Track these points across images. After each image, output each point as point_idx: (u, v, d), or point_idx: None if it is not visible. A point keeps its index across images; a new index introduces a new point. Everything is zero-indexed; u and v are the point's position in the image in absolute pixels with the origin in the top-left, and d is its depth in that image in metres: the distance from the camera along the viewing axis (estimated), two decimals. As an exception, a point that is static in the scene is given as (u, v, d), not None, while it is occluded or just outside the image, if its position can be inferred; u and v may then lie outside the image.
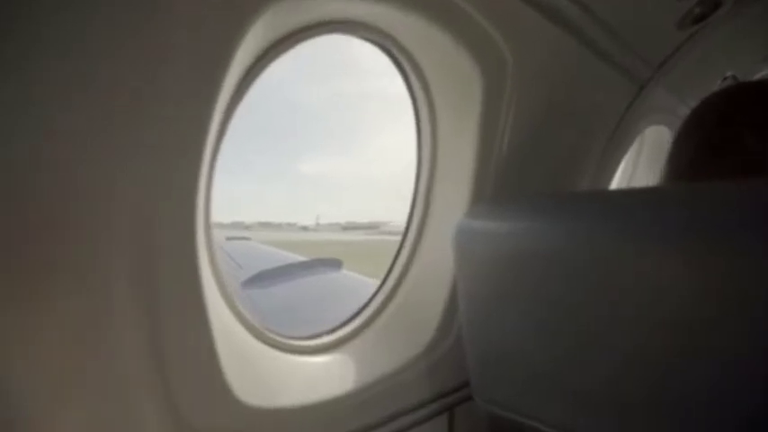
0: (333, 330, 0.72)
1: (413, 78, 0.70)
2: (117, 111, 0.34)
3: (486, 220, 0.54)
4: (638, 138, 1.25)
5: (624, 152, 1.11)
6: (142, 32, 0.33)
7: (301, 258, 3.49)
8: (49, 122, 0.32)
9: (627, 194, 0.49)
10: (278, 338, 0.64)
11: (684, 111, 1.25)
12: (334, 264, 3.23)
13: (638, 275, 0.38)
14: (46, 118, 0.32)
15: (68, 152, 0.33)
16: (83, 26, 0.31)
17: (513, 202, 0.58)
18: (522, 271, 0.48)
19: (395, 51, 0.67)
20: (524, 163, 0.76)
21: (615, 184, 1.23)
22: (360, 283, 2.66)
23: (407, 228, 0.78)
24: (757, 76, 1.30)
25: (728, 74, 1.20)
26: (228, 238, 4.97)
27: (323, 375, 0.64)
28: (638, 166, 1.53)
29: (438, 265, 0.74)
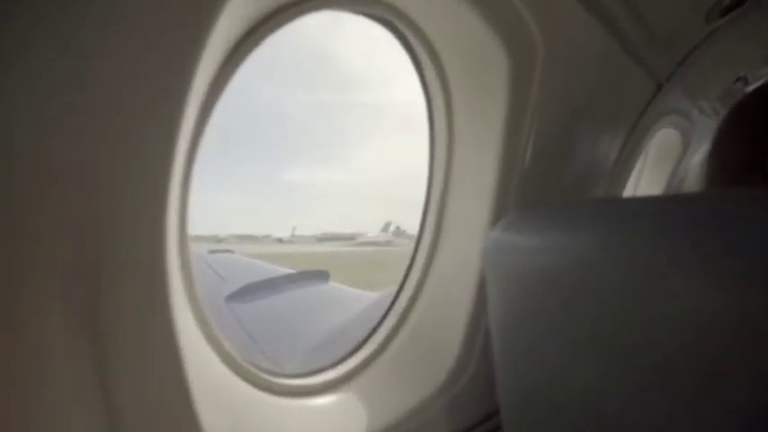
0: (334, 365, 0.61)
1: (425, 62, 0.60)
2: (79, 104, 0.29)
3: (521, 232, 0.48)
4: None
5: (638, 157, 1.09)
6: (96, 22, 0.28)
7: (287, 270, 3.38)
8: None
9: (666, 201, 0.45)
10: (267, 377, 0.53)
11: (696, 114, 1.22)
12: (322, 276, 3.14)
13: (677, 285, 0.34)
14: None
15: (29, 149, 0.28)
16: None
17: (549, 211, 0.51)
18: (562, 286, 0.42)
19: (404, 29, 0.57)
20: (548, 168, 0.69)
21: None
22: (349, 296, 2.57)
23: (418, 241, 0.68)
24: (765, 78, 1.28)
25: (741, 75, 1.17)
26: (211, 251, 4.88)
27: (322, 423, 0.54)
28: (644, 170, 1.49)
29: (456, 283, 0.65)
